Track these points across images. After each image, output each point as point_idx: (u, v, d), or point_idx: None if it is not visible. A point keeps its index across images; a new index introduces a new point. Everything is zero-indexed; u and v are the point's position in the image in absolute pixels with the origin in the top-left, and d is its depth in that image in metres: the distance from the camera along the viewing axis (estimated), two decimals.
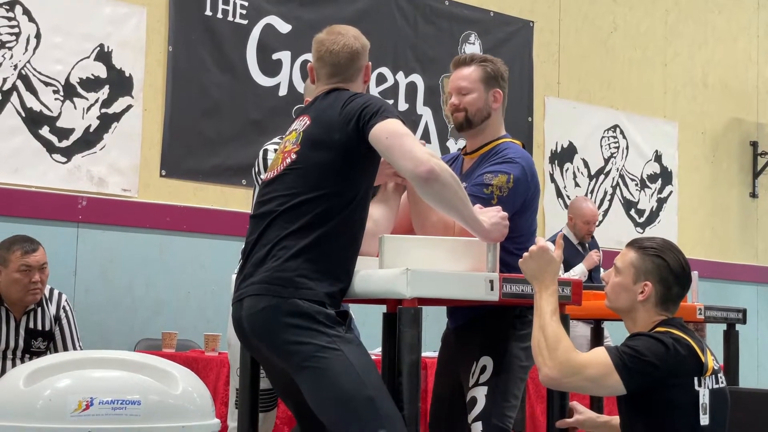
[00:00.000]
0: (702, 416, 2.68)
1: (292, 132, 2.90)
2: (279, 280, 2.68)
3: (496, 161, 3.20)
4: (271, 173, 2.86)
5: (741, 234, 8.28)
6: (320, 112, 2.85)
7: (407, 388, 2.69)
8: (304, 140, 2.82)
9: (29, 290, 4.24)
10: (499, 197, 3.11)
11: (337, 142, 2.76)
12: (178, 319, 5.36)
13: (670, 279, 2.80)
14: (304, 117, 2.90)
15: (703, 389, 2.69)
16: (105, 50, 5.33)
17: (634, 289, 2.81)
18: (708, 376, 2.71)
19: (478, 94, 3.26)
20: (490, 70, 3.29)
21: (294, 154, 2.81)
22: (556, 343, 2.67)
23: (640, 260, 2.82)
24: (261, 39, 5.79)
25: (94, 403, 1.96)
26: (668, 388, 2.66)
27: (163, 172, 5.49)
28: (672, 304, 2.82)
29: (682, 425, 2.67)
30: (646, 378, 2.64)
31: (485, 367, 3.16)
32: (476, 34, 6.76)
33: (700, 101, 8.09)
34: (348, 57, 2.98)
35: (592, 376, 2.65)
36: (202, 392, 2.13)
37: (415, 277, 2.68)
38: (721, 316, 4.57)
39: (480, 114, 3.26)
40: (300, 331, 2.66)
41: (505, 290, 2.83)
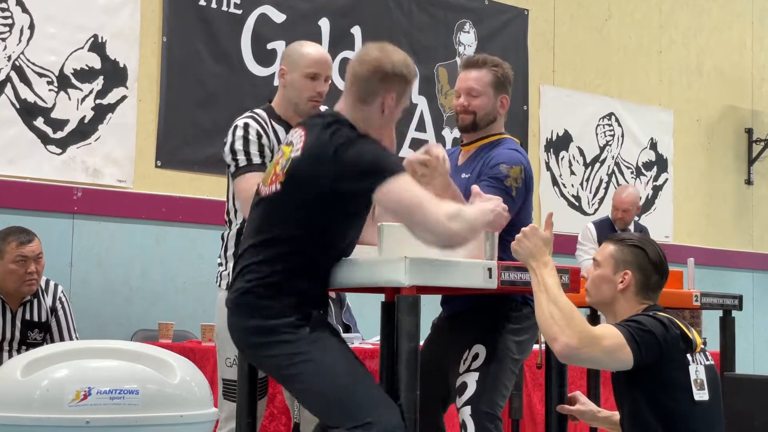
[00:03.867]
0: (699, 391, 2.72)
1: (289, 143, 2.84)
2: (244, 302, 2.73)
3: (502, 152, 3.23)
4: (264, 187, 2.84)
5: (736, 221, 8.28)
6: (314, 142, 2.75)
7: (405, 375, 2.69)
8: (289, 171, 2.76)
9: (25, 281, 4.24)
10: (517, 189, 3.18)
11: (324, 190, 2.70)
12: (175, 310, 5.35)
13: (649, 267, 2.84)
14: (301, 131, 2.82)
15: (696, 365, 2.74)
16: (99, 41, 5.32)
17: (615, 279, 2.85)
18: (698, 352, 2.76)
19: (487, 98, 3.32)
20: (501, 75, 3.35)
21: (279, 184, 2.78)
22: (571, 313, 2.67)
23: (619, 251, 2.86)
24: (255, 28, 5.78)
25: (91, 393, 1.95)
26: (667, 363, 2.69)
27: (159, 163, 5.48)
28: (652, 293, 2.86)
29: (681, 400, 2.70)
30: (651, 352, 2.67)
31: (477, 354, 3.17)
32: (471, 22, 6.74)
33: (695, 89, 8.09)
34: (369, 72, 2.82)
35: (608, 348, 2.65)
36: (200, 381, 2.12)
37: (414, 265, 2.68)
38: (717, 302, 4.57)
39: (487, 118, 3.32)
40: (267, 347, 2.71)
41: (503, 278, 2.83)
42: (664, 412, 2.70)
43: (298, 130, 2.85)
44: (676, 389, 2.70)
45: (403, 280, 2.68)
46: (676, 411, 2.69)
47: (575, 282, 2.99)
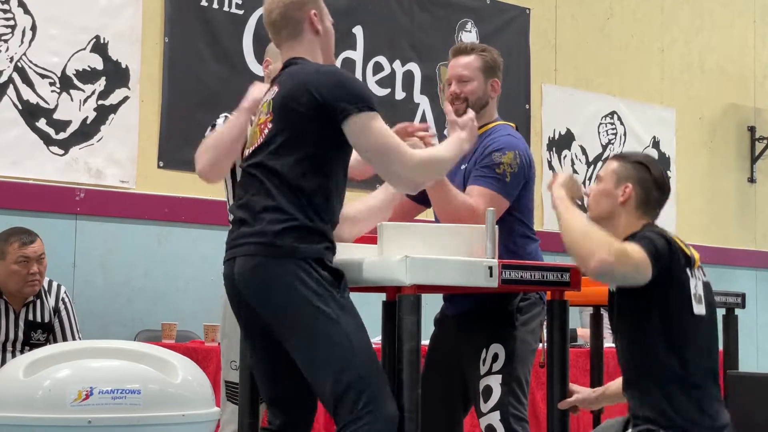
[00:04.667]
0: (698, 305, 2.77)
1: (263, 103, 2.85)
2: (272, 242, 2.64)
3: (496, 139, 3.26)
4: (250, 148, 2.81)
5: (739, 219, 8.28)
6: (285, 82, 2.77)
7: (407, 375, 2.69)
8: (275, 108, 2.76)
9: (27, 281, 4.25)
10: (512, 174, 3.19)
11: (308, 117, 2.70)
12: (178, 310, 5.35)
13: (650, 183, 2.90)
14: (273, 87, 2.84)
15: (696, 280, 2.79)
16: (101, 42, 5.32)
17: (615, 193, 2.90)
18: (696, 267, 2.82)
19: (478, 83, 3.34)
20: (489, 60, 3.38)
21: (270, 123, 2.76)
22: (604, 235, 2.72)
23: (621, 167, 2.93)
24: (257, 28, 5.78)
25: (93, 393, 1.96)
26: (670, 279, 2.74)
27: (161, 163, 5.48)
28: (651, 210, 2.91)
29: (682, 315, 2.75)
30: (661, 264, 2.72)
31: (497, 355, 3.17)
32: (472, 21, 6.74)
33: (697, 87, 8.09)
34: (281, 14, 2.84)
35: (637, 263, 2.70)
36: (202, 381, 2.13)
37: (414, 264, 2.68)
38: (721, 301, 4.58)
39: (479, 102, 3.33)
40: (296, 291, 2.62)
41: (504, 276, 2.83)
42: (666, 329, 2.75)
43: (270, 89, 2.84)
44: (677, 305, 2.75)
45: (404, 279, 2.68)
46: (677, 326, 2.74)
47: (575, 281, 2.99)
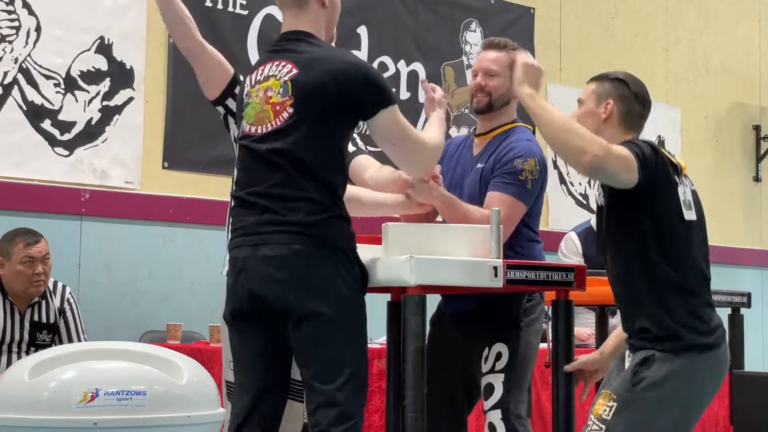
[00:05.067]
0: (688, 211, 2.81)
1: (269, 78, 2.75)
2: (313, 233, 2.64)
3: (516, 144, 3.26)
4: (261, 127, 2.73)
5: (745, 218, 8.26)
6: (306, 66, 2.71)
7: (412, 375, 2.70)
8: (296, 92, 2.70)
9: (32, 282, 4.25)
10: (533, 180, 3.21)
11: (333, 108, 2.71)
12: (183, 311, 5.36)
13: (630, 97, 2.92)
14: (281, 62, 2.76)
15: (684, 187, 2.83)
16: (105, 42, 5.33)
17: (597, 111, 2.92)
18: (683, 175, 2.85)
19: (503, 80, 3.34)
20: None
21: (290, 107, 2.70)
22: (588, 131, 2.75)
23: (600, 86, 2.95)
24: (262, 29, 5.78)
25: (99, 394, 1.96)
26: (659, 186, 2.76)
27: (166, 164, 5.48)
28: (635, 125, 2.94)
29: (673, 221, 2.78)
30: (648, 168, 2.74)
31: (500, 354, 3.18)
32: (477, 21, 6.74)
33: (702, 86, 8.07)
34: None
35: (625, 159, 2.72)
36: (207, 382, 2.13)
37: (419, 264, 2.68)
38: (726, 300, 4.57)
39: (502, 99, 3.35)
40: (333, 282, 2.63)
41: (509, 276, 2.84)
42: (658, 235, 2.77)
43: (276, 62, 2.77)
44: (667, 211, 2.77)
45: (408, 279, 2.69)
46: (668, 232, 2.77)
47: (580, 281, 2.99)
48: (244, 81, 2.86)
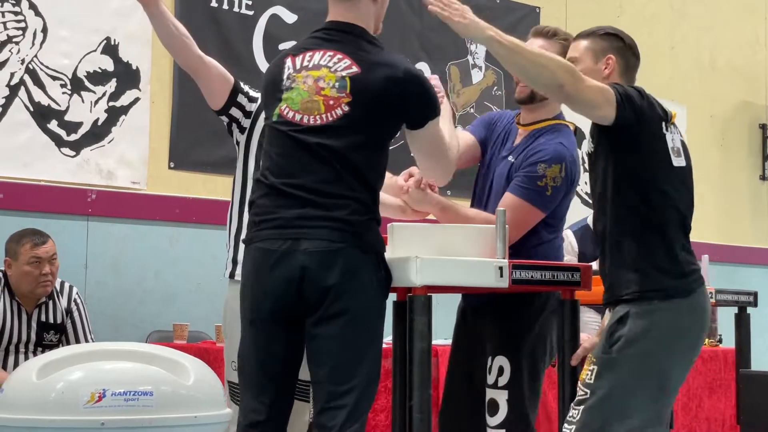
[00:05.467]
0: (676, 158, 2.79)
1: (320, 68, 2.70)
2: (357, 232, 2.62)
3: (545, 147, 3.17)
4: (310, 117, 2.67)
5: (751, 217, 8.25)
6: (369, 67, 2.69)
7: (418, 376, 2.70)
8: (356, 91, 2.67)
9: (40, 282, 4.27)
10: (553, 188, 3.14)
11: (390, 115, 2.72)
12: (189, 311, 5.37)
13: (626, 50, 2.94)
14: (335, 53, 2.71)
15: (672, 134, 2.81)
16: (112, 43, 5.34)
17: (598, 68, 2.90)
18: (673, 123, 2.84)
19: None
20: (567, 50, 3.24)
21: (346, 105, 2.66)
22: (557, 58, 2.75)
23: (594, 42, 2.94)
24: (267, 29, 5.79)
25: (106, 395, 1.97)
26: (645, 125, 2.75)
27: (172, 164, 5.49)
28: (632, 78, 2.95)
29: (660, 166, 2.76)
30: (630, 109, 2.73)
31: (502, 368, 3.15)
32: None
33: (708, 85, 8.06)
34: None
35: (600, 87, 2.71)
36: (214, 382, 2.14)
37: (425, 264, 2.69)
38: (733, 299, 4.57)
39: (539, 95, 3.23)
40: (370, 285, 2.63)
41: (514, 276, 2.84)
42: (644, 179, 2.75)
43: (326, 51, 2.72)
44: (654, 155, 2.76)
45: (414, 279, 2.69)
46: (654, 176, 2.75)
47: (586, 281, 2.99)
48: (283, 61, 2.76)
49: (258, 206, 2.69)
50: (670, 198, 2.78)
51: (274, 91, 2.75)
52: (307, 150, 2.65)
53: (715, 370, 5.47)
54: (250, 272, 2.66)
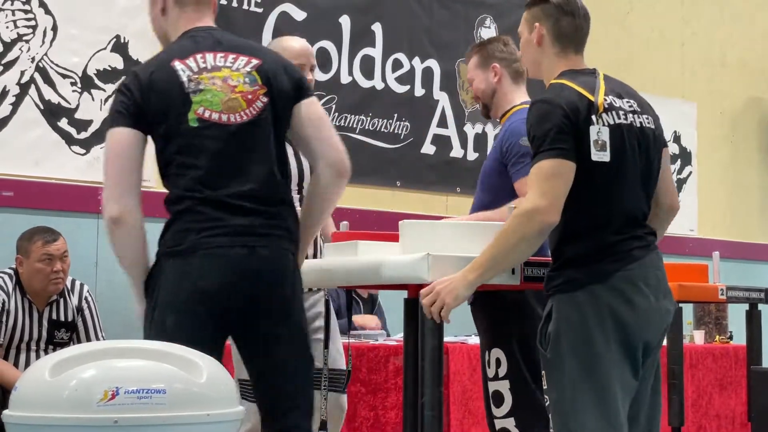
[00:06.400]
0: (597, 152, 2.63)
1: (221, 69, 2.68)
2: (296, 240, 2.71)
3: (511, 128, 3.34)
4: (237, 115, 2.65)
5: (761, 213, 8.23)
6: (266, 57, 2.73)
7: (429, 373, 2.70)
8: (268, 83, 2.69)
9: (51, 280, 4.28)
10: None
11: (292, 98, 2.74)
12: None
13: (554, 11, 2.80)
14: (225, 54, 2.70)
15: (598, 126, 2.64)
16: (121, 41, 5.34)
17: (532, 38, 2.83)
18: (603, 113, 2.67)
19: (478, 79, 3.51)
20: (483, 53, 3.53)
21: (264, 97, 2.68)
22: (503, 213, 2.74)
23: (528, 13, 2.85)
24: (276, 27, 5.79)
25: (119, 393, 1.97)
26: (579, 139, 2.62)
27: None
28: (571, 39, 2.81)
29: (581, 163, 2.63)
30: (570, 146, 2.62)
31: (499, 360, 3.17)
32: (492, 17, 6.73)
33: (718, 81, 8.04)
34: None
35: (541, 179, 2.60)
36: (226, 380, 2.14)
37: (437, 262, 2.69)
38: (743, 296, 4.56)
39: (486, 95, 3.49)
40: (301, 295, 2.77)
41: (526, 273, 2.84)
42: (576, 179, 2.64)
43: (206, 54, 2.70)
44: (580, 155, 2.63)
45: (426, 276, 2.69)
46: (582, 176, 2.64)
47: None
48: (171, 66, 2.69)
49: (198, 213, 2.69)
50: (590, 192, 2.67)
51: (174, 96, 2.68)
52: (239, 151, 2.65)
53: (725, 367, 5.47)
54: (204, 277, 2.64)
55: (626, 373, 2.65)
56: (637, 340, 2.66)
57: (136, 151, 2.74)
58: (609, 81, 2.82)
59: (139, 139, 2.73)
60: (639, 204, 2.75)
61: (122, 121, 2.71)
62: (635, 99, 2.84)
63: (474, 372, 4.38)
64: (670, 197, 2.90)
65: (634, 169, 2.72)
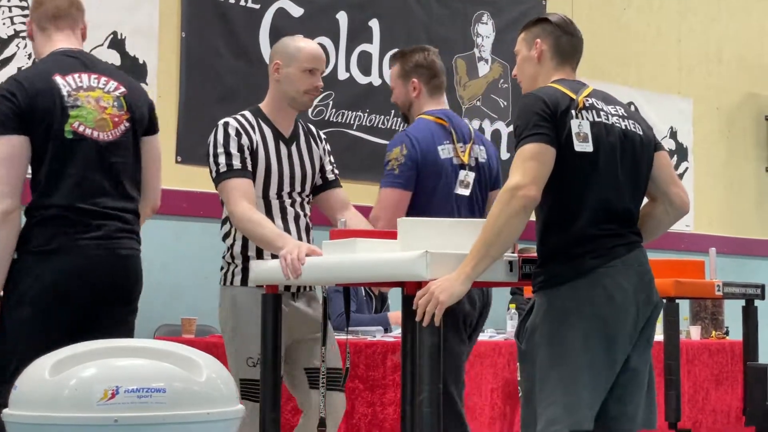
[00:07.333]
0: (581, 143, 2.72)
1: (94, 89, 3.06)
2: (139, 240, 3.20)
3: (394, 138, 3.64)
4: (105, 134, 3.05)
5: (757, 209, 8.25)
6: (130, 86, 3.15)
7: (428, 371, 2.70)
8: (131, 109, 3.11)
9: None
10: (400, 165, 3.52)
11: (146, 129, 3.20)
12: (197, 305, 5.37)
13: (555, 30, 2.94)
14: (99, 76, 3.09)
15: (579, 120, 2.74)
16: (118, 37, 5.34)
17: (531, 54, 2.94)
18: (582, 109, 2.77)
19: (398, 89, 3.68)
20: (406, 65, 3.65)
21: (127, 122, 3.10)
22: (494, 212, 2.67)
23: (526, 33, 2.98)
24: (274, 23, 5.79)
25: (119, 392, 1.98)
26: (560, 129, 2.72)
27: (179, 158, 5.50)
28: (568, 55, 2.95)
29: (564, 154, 2.71)
30: (550, 125, 2.70)
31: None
32: (489, 14, 6.73)
33: (714, 77, 8.05)
34: (72, 3, 3.25)
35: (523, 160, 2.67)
36: (226, 379, 2.14)
37: (435, 259, 2.69)
38: (740, 292, 4.57)
39: (405, 106, 3.69)
40: None
41: (524, 270, 2.84)
42: (555, 172, 2.70)
43: (81, 75, 3.07)
44: (563, 147, 2.71)
45: (424, 274, 2.69)
46: (559, 165, 2.70)
47: None
48: (52, 79, 3.03)
49: (64, 218, 3.02)
50: (572, 185, 2.73)
51: (54, 108, 3.00)
52: (104, 165, 3.04)
53: (722, 363, 5.47)
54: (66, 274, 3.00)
55: (602, 366, 2.70)
56: (616, 334, 2.71)
57: (26, 155, 3.01)
58: (597, 91, 2.92)
59: (27, 143, 2.99)
60: (622, 202, 2.80)
61: (11, 127, 2.98)
62: (623, 108, 2.93)
63: (471, 368, 4.38)
64: (683, 196, 3.01)
65: (614, 166, 2.78)
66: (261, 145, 3.33)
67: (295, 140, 3.45)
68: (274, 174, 3.35)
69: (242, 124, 3.35)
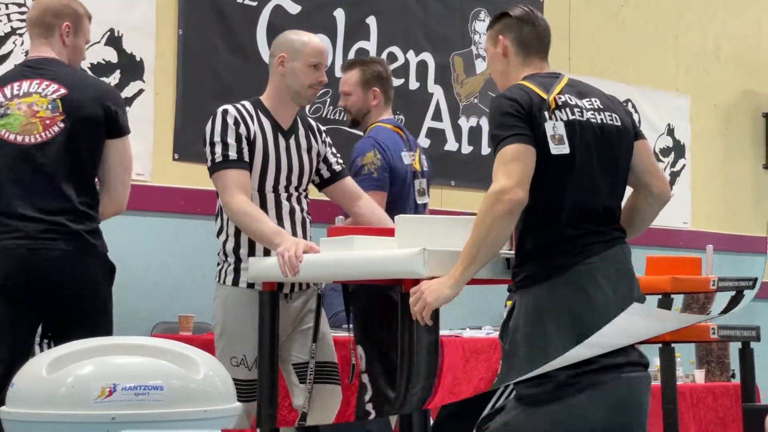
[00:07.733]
0: (556, 146, 2.70)
1: (32, 95, 3.14)
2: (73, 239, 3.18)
3: (356, 147, 3.82)
4: (32, 137, 3.10)
5: (754, 206, 8.25)
6: (78, 88, 3.18)
7: (425, 367, 2.71)
8: (68, 110, 3.15)
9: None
10: (378, 168, 3.69)
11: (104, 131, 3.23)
12: (194, 302, 5.37)
13: (515, 23, 2.94)
14: (41, 81, 3.16)
15: (553, 122, 2.72)
16: (115, 35, 5.33)
17: (497, 51, 2.95)
18: (555, 109, 2.74)
19: (356, 95, 3.87)
20: (366, 74, 3.85)
21: (62, 122, 3.13)
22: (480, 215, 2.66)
23: (491, 30, 2.99)
24: (271, 20, 5.78)
25: (117, 390, 1.98)
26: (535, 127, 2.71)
27: (176, 156, 5.49)
28: (534, 46, 2.92)
29: (540, 157, 2.70)
30: (525, 125, 2.70)
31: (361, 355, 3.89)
32: (486, 11, 6.73)
33: (712, 74, 8.05)
34: (46, 10, 3.33)
35: (503, 164, 2.66)
36: (223, 377, 2.14)
37: (432, 256, 2.70)
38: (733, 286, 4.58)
39: (360, 113, 3.89)
40: None
41: None
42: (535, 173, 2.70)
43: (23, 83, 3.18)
44: (538, 149, 2.70)
45: (422, 271, 2.70)
46: (537, 170, 2.69)
47: None
48: None
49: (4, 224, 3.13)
50: (549, 187, 2.72)
51: None
52: (28, 167, 3.11)
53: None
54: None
55: None
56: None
57: None
58: (572, 82, 2.90)
59: None
60: (599, 199, 2.79)
61: None
62: (600, 98, 2.90)
63: (467, 364, 4.39)
64: (661, 186, 2.95)
65: (590, 165, 2.77)
66: (259, 135, 3.33)
67: (293, 134, 3.44)
68: (271, 166, 3.35)
69: (241, 113, 3.35)
